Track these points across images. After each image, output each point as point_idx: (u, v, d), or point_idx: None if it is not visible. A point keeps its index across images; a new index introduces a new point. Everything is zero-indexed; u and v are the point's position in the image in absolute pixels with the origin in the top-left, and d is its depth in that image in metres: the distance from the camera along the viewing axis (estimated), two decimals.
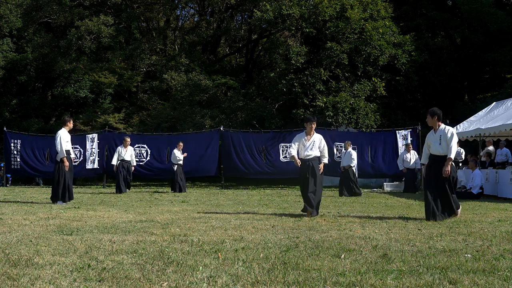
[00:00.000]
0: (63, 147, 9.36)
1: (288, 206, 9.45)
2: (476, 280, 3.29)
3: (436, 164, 6.81)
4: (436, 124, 6.89)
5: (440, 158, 6.77)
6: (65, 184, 9.37)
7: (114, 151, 17.81)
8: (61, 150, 9.38)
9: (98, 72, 24.50)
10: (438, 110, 6.94)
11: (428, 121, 6.98)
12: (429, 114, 6.97)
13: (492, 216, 7.44)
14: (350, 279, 3.29)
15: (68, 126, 9.68)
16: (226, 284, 3.18)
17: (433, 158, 6.90)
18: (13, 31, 26.73)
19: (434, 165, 6.85)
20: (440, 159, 6.76)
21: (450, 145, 6.66)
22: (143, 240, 4.86)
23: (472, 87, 25.36)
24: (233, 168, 17.17)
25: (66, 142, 9.45)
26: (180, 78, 21.20)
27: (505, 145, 14.49)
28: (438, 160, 6.79)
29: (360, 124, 18.43)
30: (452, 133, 6.74)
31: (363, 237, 5.06)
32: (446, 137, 6.71)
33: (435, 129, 6.91)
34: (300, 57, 18.59)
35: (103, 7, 24.14)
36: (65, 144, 9.43)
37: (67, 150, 9.48)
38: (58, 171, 9.43)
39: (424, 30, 24.73)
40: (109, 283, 3.20)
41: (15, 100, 27.48)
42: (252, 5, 22.49)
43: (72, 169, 9.68)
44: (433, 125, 6.94)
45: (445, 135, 6.72)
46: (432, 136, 6.89)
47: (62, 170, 9.37)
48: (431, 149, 6.94)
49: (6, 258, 3.90)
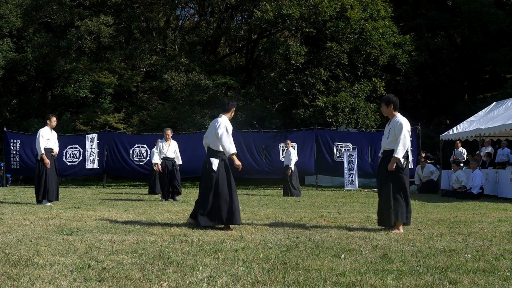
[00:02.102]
0: (41, 145, 9.23)
1: (288, 206, 9.44)
2: (476, 280, 3.29)
3: (384, 160, 5.83)
4: (392, 113, 5.84)
5: (386, 153, 5.81)
6: (45, 183, 9.21)
7: (114, 151, 17.90)
8: (38, 147, 9.27)
9: (98, 72, 24.51)
10: (394, 97, 5.88)
11: (383, 111, 5.93)
12: (384, 102, 5.89)
13: (492, 216, 7.44)
14: (350, 279, 3.28)
15: (49, 124, 9.53)
16: (226, 284, 3.18)
17: (383, 153, 5.94)
18: (13, 31, 26.76)
19: (382, 160, 5.88)
20: (387, 154, 5.79)
21: (398, 139, 5.59)
22: (143, 240, 4.85)
23: (472, 87, 25.37)
24: (233, 168, 17.13)
25: (47, 139, 9.34)
26: (180, 78, 21.20)
27: (506, 145, 14.50)
28: (385, 156, 5.81)
29: (360, 124, 18.43)
30: (402, 126, 5.61)
31: (363, 237, 5.06)
32: (394, 130, 5.70)
33: (390, 119, 5.87)
34: (300, 57, 18.59)
35: (103, 7, 24.14)
36: (45, 141, 9.30)
37: (47, 148, 9.33)
38: (38, 169, 9.32)
39: (424, 30, 24.74)
40: (109, 283, 3.19)
41: (15, 100, 27.50)
42: (252, 5, 22.49)
43: (54, 166, 9.47)
44: (389, 115, 5.89)
45: (394, 127, 5.70)
46: (386, 128, 5.91)
47: (43, 168, 9.24)
48: (382, 142, 6.01)
49: (6, 258, 3.89)
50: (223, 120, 6.02)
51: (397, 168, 5.60)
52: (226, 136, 5.90)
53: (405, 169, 5.67)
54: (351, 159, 16.23)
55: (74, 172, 18.17)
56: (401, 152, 5.57)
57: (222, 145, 5.91)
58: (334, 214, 7.72)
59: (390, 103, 5.80)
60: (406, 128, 5.62)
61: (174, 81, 21.17)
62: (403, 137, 5.56)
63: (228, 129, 5.95)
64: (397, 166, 5.61)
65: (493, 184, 12.58)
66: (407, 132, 5.63)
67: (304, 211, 8.19)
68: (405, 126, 5.61)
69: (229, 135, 5.95)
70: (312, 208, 9.01)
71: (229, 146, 5.91)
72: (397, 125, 5.65)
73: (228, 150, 5.92)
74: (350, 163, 16.21)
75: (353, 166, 16.18)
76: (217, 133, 5.91)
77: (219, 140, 5.90)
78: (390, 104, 5.81)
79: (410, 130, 5.74)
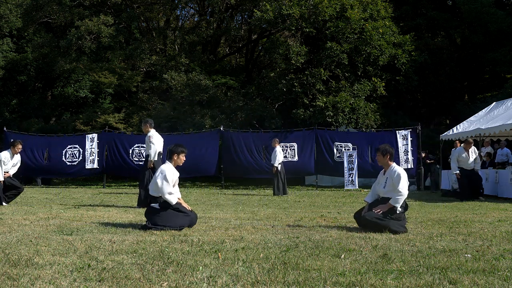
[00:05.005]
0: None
1: (288, 206, 9.44)
2: (476, 280, 3.29)
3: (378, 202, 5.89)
4: (387, 163, 5.89)
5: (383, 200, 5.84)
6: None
7: (114, 151, 17.90)
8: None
9: (98, 72, 24.52)
10: (390, 148, 5.95)
11: (379, 160, 5.97)
12: (380, 152, 5.91)
13: (492, 216, 7.44)
14: (350, 279, 3.28)
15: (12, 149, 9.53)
16: (226, 284, 3.18)
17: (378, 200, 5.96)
18: (13, 31, 26.76)
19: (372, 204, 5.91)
20: (383, 200, 5.83)
21: (397, 189, 5.63)
22: (143, 240, 4.86)
23: (472, 87, 25.38)
24: (233, 168, 17.18)
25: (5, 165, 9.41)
26: (180, 78, 21.20)
27: (506, 145, 14.50)
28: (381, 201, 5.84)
29: (360, 124, 18.43)
30: (400, 176, 5.67)
31: (363, 237, 5.06)
32: (391, 180, 5.72)
33: (385, 169, 5.92)
34: (300, 57, 18.59)
35: (103, 7, 24.14)
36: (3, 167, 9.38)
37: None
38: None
39: (424, 30, 24.74)
40: (109, 283, 3.19)
41: (15, 100, 27.51)
42: (252, 5, 22.49)
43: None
44: (384, 165, 5.94)
45: (391, 177, 5.74)
46: (382, 177, 5.94)
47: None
48: (377, 189, 6.00)
49: (6, 258, 3.89)
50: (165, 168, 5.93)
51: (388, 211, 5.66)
52: (166, 186, 5.80)
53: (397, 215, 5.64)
54: (351, 159, 16.23)
55: (74, 172, 18.15)
56: (400, 202, 5.65)
57: (163, 195, 5.78)
58: (334, 214, 7.71)
59: (387, 153, 5.87)
60: (404, 178, 5.70)
61: (174, 81, 21.17)
62: (401, 188, 5.63)
63: (167, 178, 5.82)
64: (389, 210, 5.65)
65: (493, 184, 12.57)
66: (406, 183, 5.70)
67: (304, 211, 8.19)
68: (403, 177, 5.69)
69: (169, 184, 5.83)
70: (312, 208, 9.01)
71: (169, 197, 5.79)
72: (395, 175, 5.70)
73: (169, 201, 5.78)
74: (350, 163, 16.21)
75: (353, 166, 16.17)
76: (156, 182, 5.83)
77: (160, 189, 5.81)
78: (387, 154, 5.87)
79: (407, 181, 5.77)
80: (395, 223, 5.54)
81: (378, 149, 6.03)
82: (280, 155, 13.27)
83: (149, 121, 9.24)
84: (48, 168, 17.98)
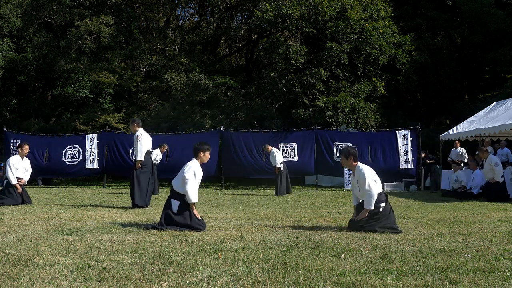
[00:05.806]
0: (10, 176, 9.35)
1: (288, 206, 9.44)
2: (476, 280, 3.29)
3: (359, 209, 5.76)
4: (352, 165, 5.73)
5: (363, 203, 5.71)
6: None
7: (114, 151, 17.90)
8: (9, 178, 9.37)
9: (98, 72, 24.51)
10: (352, 149, 5.78)
11: (343, 163, 5.83)
12: (343, 155, 5.76)
13: (492, 216, 7.44)
14: (350, 279, 3.28)
15: (20, 152, 9.68)
16: (226, 284, 3.18)
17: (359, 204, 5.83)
18: (13, 31, 26.75)
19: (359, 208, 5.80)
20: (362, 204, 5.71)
21: (365, 187, 5.48)
22: (143, 240, 4.86)
23: (472, 87, 25.37)
24: (233, 168, 17.17)
25: (15, 169, 9.48)
26: (180, 78, 21.20)
27: (506, 145, 14.49)
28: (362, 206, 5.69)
29: (360, 124, 18.42)
30: (364, 175, 5.51)
31: (363, 237, 5.06)
32: (359, 179, 5.60)
33: (353, 171, 5.77)
34: (300, 57, 18.59)
35: (103, 7, 24.14)
36: (15, 171, 9.45)
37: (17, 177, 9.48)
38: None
39: (424, 30, 24.73)
40: (109, 283, 3.19)
41: (15, 100, 27.51)
42: (252, 5, 22.49)
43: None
44: (349, 167, 5.81)
45: (358, 179, 5.62)
46: (353, 180, 5.82)
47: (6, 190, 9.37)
48: (355, 193, 5.87)
49: (6, 258, 3.89)
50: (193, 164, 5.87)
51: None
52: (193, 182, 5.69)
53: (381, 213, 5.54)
54: None
55: (73, 172, 18.14)
56: (372, 203, 5.50)
57: (186, 191, 5.65)
58: (334, 214, 7.72)
59: (350, 155, 5.70)
60: (368, 176, 5.51)
61: (174, 81, 21.17)
62: (367, 188, 5.46)
63: (196, 175, 5.75)
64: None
65: None
66: (372, 180, 5.51)
67: (304, 211, 8.19)
68: (367, 175, 5.50)
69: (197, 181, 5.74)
70: (312, 208, 9.01)
71: (192, 194, 5.67)
72: (361, 174, 5.55)
73: (190, 198, 5.67)
74: None
75: None
76: (183, 176, 5.71)
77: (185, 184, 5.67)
78: (350, 156, 5.70)
79: (374, 177, 5.57)
80: (381, 224, 5.45)
81: (341, 152, 5.91)
82: (279, 155, 13.27)
83: (136, 120, 9.24)
84: (48, 168, 17.97)
